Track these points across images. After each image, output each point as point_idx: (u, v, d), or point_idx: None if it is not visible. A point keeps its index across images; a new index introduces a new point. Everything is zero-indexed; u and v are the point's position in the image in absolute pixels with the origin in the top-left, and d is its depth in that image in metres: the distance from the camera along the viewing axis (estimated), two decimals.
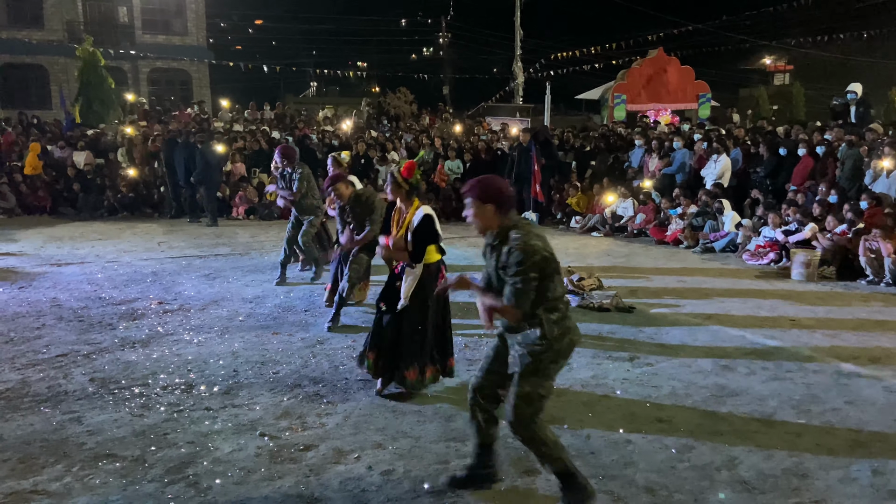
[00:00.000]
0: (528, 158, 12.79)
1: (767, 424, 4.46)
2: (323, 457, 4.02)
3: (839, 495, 3.61)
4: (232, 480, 3.76)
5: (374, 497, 3.60)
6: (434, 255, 4.80)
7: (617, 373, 5.35)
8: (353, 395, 4.93)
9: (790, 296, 7.81)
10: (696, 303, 7.46)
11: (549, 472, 3.49)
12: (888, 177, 9.51)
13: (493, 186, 3.34)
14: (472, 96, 32.88)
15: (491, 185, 3.36)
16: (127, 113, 21.65)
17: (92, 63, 20.28)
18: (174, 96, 29.97)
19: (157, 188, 14.84)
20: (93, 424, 4.44)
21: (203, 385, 5.12)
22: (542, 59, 29.52)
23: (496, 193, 3.31)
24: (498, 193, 3.32)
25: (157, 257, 10.00)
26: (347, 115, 22.87)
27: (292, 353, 5.81)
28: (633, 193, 12.43)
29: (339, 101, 36.95)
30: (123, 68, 30.15)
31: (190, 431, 4.35)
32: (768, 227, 9.83)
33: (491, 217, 3.32)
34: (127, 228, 12.73)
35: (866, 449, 4.12)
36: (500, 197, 3.31)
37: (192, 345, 6.05)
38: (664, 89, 22.30)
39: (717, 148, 11.91)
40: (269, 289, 8.05)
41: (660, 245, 11.04)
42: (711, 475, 3.81)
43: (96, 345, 6.03)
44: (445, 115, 23.14)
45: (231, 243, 11.18)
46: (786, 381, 5.18)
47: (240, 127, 19.27)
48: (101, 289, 8.07)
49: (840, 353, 5.83)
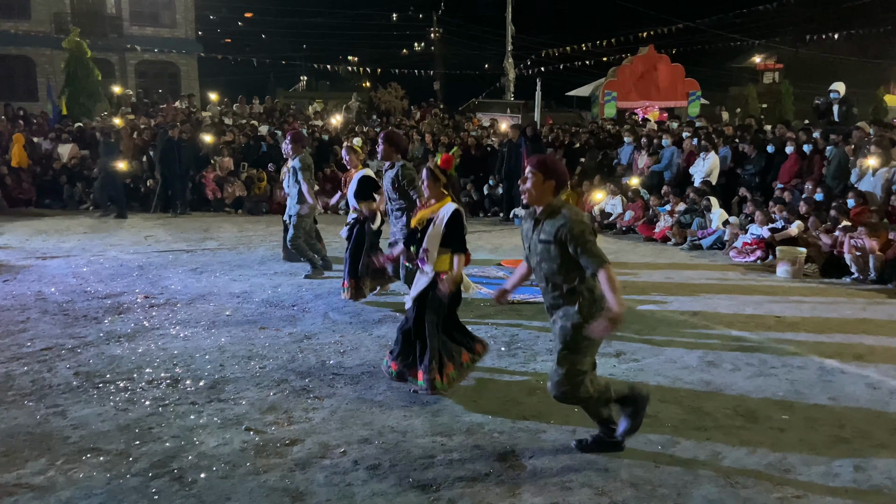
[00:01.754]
0: (518, 155, 12.80)
1: (751, 420, 4.49)
2: (309, 451, 4.01)
3: (821, 490, 3.65)
4: (217, 475, 3.75)
5: (359, 491, 3.60)
6: (446, 264, 4.65)
7: (603, 368, 5.35)
8: (339, 389, 4.92)
9: (776, 293, 7.86)
10: (683, 299, 7.51)
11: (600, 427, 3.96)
12: (874, 175, 9.58)
13: (558, 166, 3.72)
14: (464, 92, 32.90)
15: (556, 164, 3.73)
16: (114, 105, 21.48)
17: (78, 55, 20.09)
18: (162, 89, 29.72)
19: (145, 182, 14.74)
20: (77, 418, 4.41)
21: (189, 379, 5.10)
22: (533, 55, 29.59)
23: (560, 173, 3.67)
24: (562, 174, 3.68)
25: (144, 251, 9.94)
26: (337, 110, 22.79)
27: (279, 348, 5.80)
28: (622, 191, 12.47)
29: (330, 95, 36.78)
30: (111, 60, 29.89)
31: (175, 426, 4.33)
32: (755, 225, 9.89)
33: (547, 193, 3.64)
34: (113, 222, 12.65)
35: (849, 445, 4.16)
36: (562, 177, 3.67)
37: (179, 339, 6.03)
38: (654, 87, 22.37)
39: (706, 146, 11.97)
40: (257, 283, 8.02)
41: (648, 242, 11.09)
42: (695, 470, 3.83)
43: (81, 339, 5.99)
44: (436, 111, 23.11)
45: (219, 238, 11.13)
46: (770, 377, 5.22)
47: (229, 120, 19.18)
48: (86, 282, 8.01)
49: (824, 349, 5.88)
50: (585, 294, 3.65)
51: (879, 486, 3.68)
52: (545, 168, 3.64)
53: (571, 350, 3.65)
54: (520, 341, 6.02)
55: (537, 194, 3.64)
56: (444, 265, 4.63)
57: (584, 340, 3.63)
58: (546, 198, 3.64)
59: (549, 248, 3.62)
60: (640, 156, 13.13)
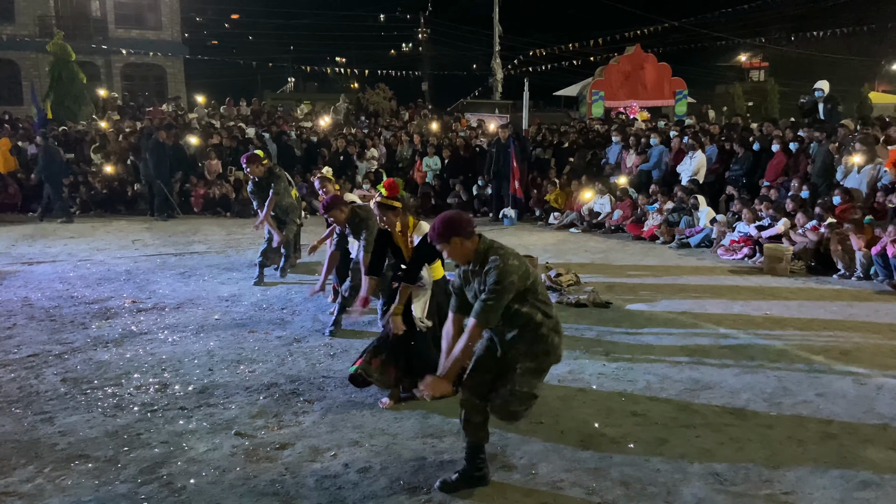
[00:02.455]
0: (506, 155, 12.82)
1: (740, 417, 4.52)
2: (299, 455, 4.00)
3: (810, 486, 3.67)
4: (206, 480, 3.74)
5: (350, 495, 3.59)
6: (440, 270, 4.72)
7: (593, 368, 5.39)
8: (329, 393, 4.91)
9: (763, 290, 7.91)
10: (672, 298, 7.54)
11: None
12: (859, 172, 9.66)
13: (448, 222, 3.39)
14: (452, 93, 32.89)
15: (446, 222, 3.40)
16: (100, 109, 21.33)
17: (63, 58, 19.94)
18: (148, 92, 29.56)
19: (132, 185, 14.64)
20: (65, 425, 4.38)
21: (177, 384, 5.07)
22: (521, 55, 29.62)
23: (455, 227, 3.38)
24: (456, 226, 3.38)
25: (131, 255, 9.88)
26: (325, 112, 22.73)
27: (269, 352, 5.77)
28: (611, 190, 12.51)
29: (318, 97, 36.69)
30: (96, 63, 29.68)
31: (164, 431, 4.30)
32: (742, 223, 9.95)
33: (464, 247, 3.39)
34: (100, 226, 12.56)
35: (836, 440, 4.19)
36: (460, 227, 3.38)
37: (167, 344, 5.99)
38: (641, 86, 22.43)
39: (693, 144, 12.02)
40: (246, 287, 7.99)
41: (636, 241, 11.13)
42: (684, 468, 3.86)
43: (68, 344, 5.94)
44: (424, 112, 23.09)
45: (207, 241, 11.08)
46: (758, 375, 5.25)
47: (216, 123, 19.09)
48: (73, 287, 7.95)
49: (811, 346, 5.93)
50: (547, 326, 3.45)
51: (867, 482, 3.72)
52: (447, 234, 3.37)
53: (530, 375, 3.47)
54: None
55: (460, 255, 3.42)
56: (439, 272, 4.72)
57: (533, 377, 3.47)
58: (468, 250, 3.40)
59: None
60: (628, 155, 13.18)
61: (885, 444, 4.14)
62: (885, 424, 4.41)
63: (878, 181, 9.48)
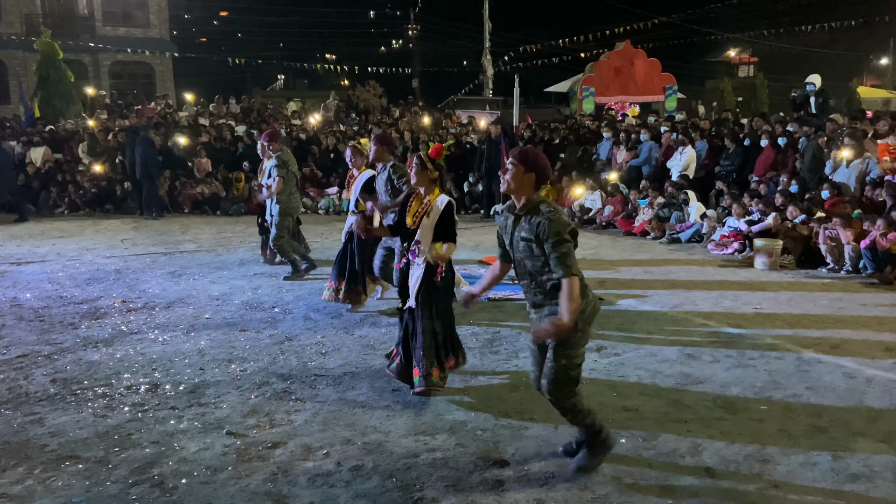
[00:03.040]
0: (497, 151, 12.82)
1: (730, 411, 4.54)
2: (291, 454, 3.99)
3: (800, 479, 3.69)
4: (198, 480, 3.72)
5: (342, 493, 3.59)
6: (452, 249, 4.69)
7: (585, 363, 5.37)
8: (321, 391, 4.90)
9: (753, 285, 7.95)
10: (663, 293, 7.56)
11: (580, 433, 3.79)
12: (847, 166, 9.72)
13: (540, 159, 3.60)
14: (442, 89, 32.87)
15: (539, 157, 3.61)
16: (88, 107, 21.19)
17: (50, 57, 19.82)
18: (137, 90, 29.35)
19: (121, 184, 14.56)
20: (55, 426, 4.35)
21: (168, 384, 5.05)
22: (511, 52, 29.61)
23: (542, 166, 3.56)
24: (543, 167, 3.58)
25: (121, 255, 9.82)
26: (315, 109, 22.65)
27: (260, 351, 5.75)
28: (602, 186, 12.54)
29: (307, 94, 36.60)
30: (84, 62, 29.49)
31: (155, 431, 4.28)
32: (732, 218, 10.00)
33: (528, 186, 3.54)
34: (89, 226, 12.48)
35: (826, 434, 4.22)
36: (544, 170, 3.57)
37: (157, 343, 5.96)
38: (632, 82, 22.47)
39: (683, 140, 12.06)
40: (236, 285, 7.96)
41: (627, 236, 11.16)
42: (676, 462, 3.87)
43: (58, 345, 5.90)
44: (415, 109, 23.06)
45: (197, 240, 11.03)
46: (748, 369, 5.28)
47: (205, 121, 18.99)
48: (62, 288, 7.90)
49: (801, 340, 5.96)
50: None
51: (857, 475, 3.74)
52: (527, 160, 3.55)
53: (563, 345, 3.54)
54: (501, 338, 6.03)
55: (517, 186, 3.55)
56: (452, 249, 4.68)
57: (575, 334, 3.52)
58: (525, 191, 3.54)
59: (530, 245, 3.52)
60: (618, 151, 13.21)
61: (875, 437, 4.16)
62: (874, 417, 4.44)
63: (866, 175, 9.54)
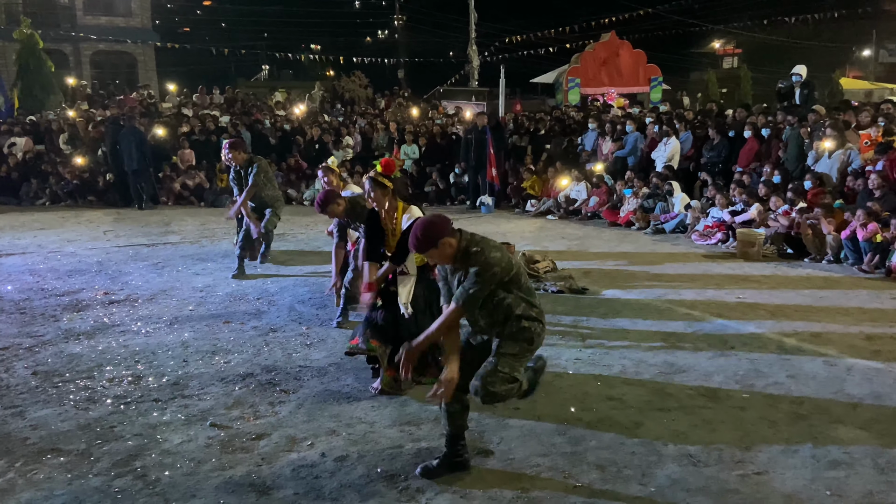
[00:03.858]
0: (483, 143, 12.80)
1: (713, 399, 4.58)
2: (276, 445, 3.98)
3: (781, 466, 3.74)
4: (181, 472, 3.70)
5: (327, 483, 3.59)
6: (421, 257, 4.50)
7: (569, 353, 5.42)
8: (306, 382, 4.89)
9: (736, 275, 8.01)
10: (647, 283, 7.61)
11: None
12: (829, 157, 9.79)
13: (431, 227, 3.34)
14: (428, 80, 32.71)
15: (429, 227, 3.34)
16: (69, 97, 20.90)
17: (30, 46, 19.50)
18: (119, 80, 28.97)
19: (103, 175, 14.38)
20: (36, 419, 4.32)
21: (151, 376, 5.01)
22: (497, 42, 29.55)
23: (439, 229, 3.33)
24: (440, 228, 3.33)
25: (103, 247, 9.72)
26: (300, 100, 22.48)
27: (244, 342, 5.73)
28: (587, 177, 12.56)
29: (292, 84, 36.29)
30: (65, 51, 29.07)
31: (137, 424, 4.26)
32: (716, 208, 10.06)
33: (447, 249, 3.33)
34: (71, 217, 12.34)
35: (807, 421, 4.27)
36: (444, 228, 3.34)
37: (140, 336, 5.92)
38: (617, 73, 22.50)
39: (667, 131, 12.10)
40: (220, 277, 7.90)
41: (612, 227, 11.20)
42: (659, 450, 3.90)
43: (39, 337, 5.84)
44: (400, 100, 22.96)
45: (181, 231, 10.94)
46: (731, 358, 5.33)
47: (188, 111, 18.80)
48: (43, 280, 7.81)
49: (783, 329, 6.02)
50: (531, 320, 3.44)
51: (837, 461, 3.79)
52: (419, 244, 3.34)
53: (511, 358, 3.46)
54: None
55: (445, 258, 3.38)
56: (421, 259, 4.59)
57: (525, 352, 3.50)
58: (451, 251, 3.34)
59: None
60: (604, 142, 13.23)
61: (854, 424, 4.22)
62: (854, 404, 4.49)
63: (848, 166, 9.63)
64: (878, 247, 7.95)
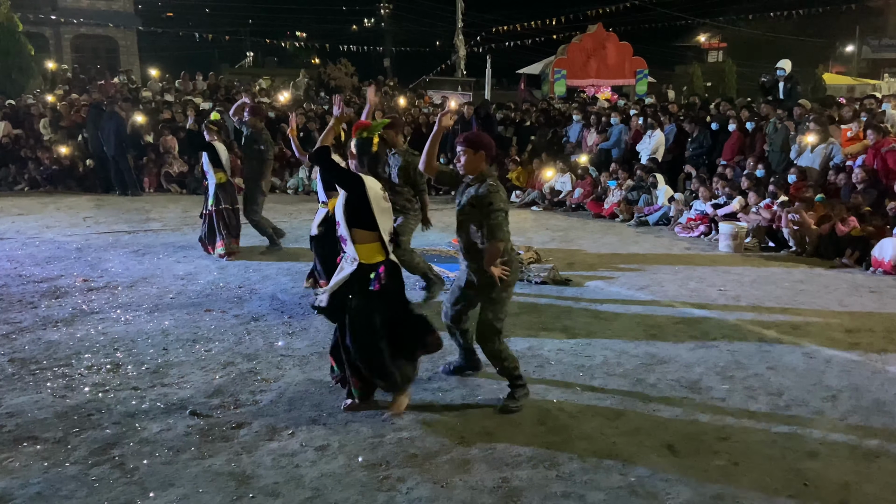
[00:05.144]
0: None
1: (694, 390, 4.61)
2: (256, 434, 3.96)
3: (759, 456, 3.77)
4: (160, 460, 3.67)
5: (308, 472, 3.57)
6: (377, 255, 4.03)
7: (552, 344, 5.43)
8: (287, 371, 4.86)
9: (718, 267, 8.06)
10: (630, 275, 7.64)
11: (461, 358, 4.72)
12: (812, 151, 9.86)
13: (483, 138, 4.21)
14: (414, 69, 32.51)
15: (482, 136, 4.23)
16: (49, 81, 20.56)
17: (9, 29, 19.15)
18: (100, 64, 28.52)
19: (83, 161, 14.18)
20: (12, 406, 4.26)
21: (130, 364, 4.96)
22: (484, 32, 29.42)
23: (486, 144, 4.16)
24: (488, 144, 4.18)
25: (83, 233, 9.59)
26: (285, 87, 22.26)
27: (225, 331, 5.68)
28: (572, 168, 12.57)
29: (277, 72, 35.93)
30: (45, 35, 28.53)
31: (116, 412, 4.21)
32: (699, 201, 10.11)
33: (478, 163, 4.12)
34: (50, 203, 12.16)
35: (786, 412, 4.31)
36: (489, 147, 4.17)
37: (120, 323, 5.85)
38: (603, 65, 22.52)
39: (652, 123, 12.13)
40: (202, 265, 7.83)
41: (597, 219, 11.22)
42: (639, 440, 3.92)
43: (16, 324, 5.76)
44: (386, 88, 22.82)
45: (162, 218, 10.82)
46: (712, 349, 5.36)
47: (171, 98, 18.56)
48: (21, 266, 7.69)
49: (763, 322, 6.07)
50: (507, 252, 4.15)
51: (815, 452, 3.83)
52: (473, 143, 4.12)
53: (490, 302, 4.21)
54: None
55: (471, 165, 4.13)
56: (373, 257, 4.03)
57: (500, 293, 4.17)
58: (479, 167, 4.12)
59: (471, 210, 4.08)
60: (589, 134, 13.24)
61: (832, 416, 4.27)
62: (832, 396, 4.54)
63: (830, 160, 9.70)
64: (859, 241, 8.03)
